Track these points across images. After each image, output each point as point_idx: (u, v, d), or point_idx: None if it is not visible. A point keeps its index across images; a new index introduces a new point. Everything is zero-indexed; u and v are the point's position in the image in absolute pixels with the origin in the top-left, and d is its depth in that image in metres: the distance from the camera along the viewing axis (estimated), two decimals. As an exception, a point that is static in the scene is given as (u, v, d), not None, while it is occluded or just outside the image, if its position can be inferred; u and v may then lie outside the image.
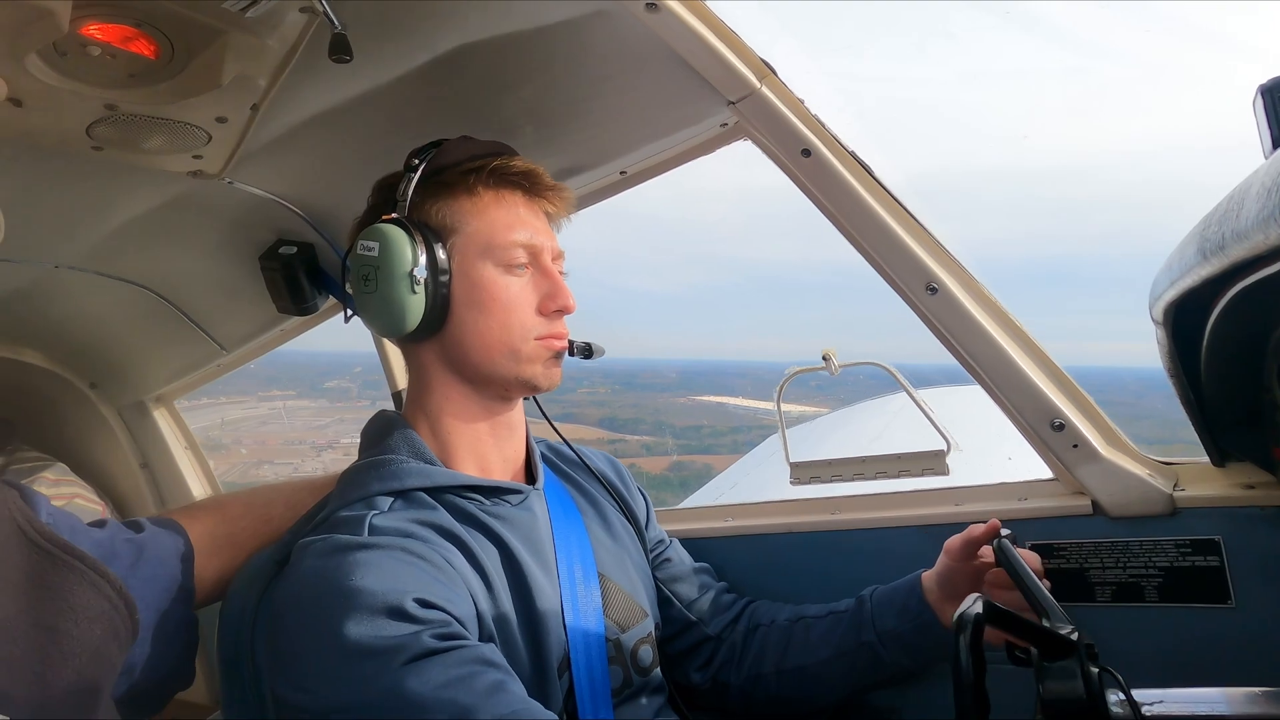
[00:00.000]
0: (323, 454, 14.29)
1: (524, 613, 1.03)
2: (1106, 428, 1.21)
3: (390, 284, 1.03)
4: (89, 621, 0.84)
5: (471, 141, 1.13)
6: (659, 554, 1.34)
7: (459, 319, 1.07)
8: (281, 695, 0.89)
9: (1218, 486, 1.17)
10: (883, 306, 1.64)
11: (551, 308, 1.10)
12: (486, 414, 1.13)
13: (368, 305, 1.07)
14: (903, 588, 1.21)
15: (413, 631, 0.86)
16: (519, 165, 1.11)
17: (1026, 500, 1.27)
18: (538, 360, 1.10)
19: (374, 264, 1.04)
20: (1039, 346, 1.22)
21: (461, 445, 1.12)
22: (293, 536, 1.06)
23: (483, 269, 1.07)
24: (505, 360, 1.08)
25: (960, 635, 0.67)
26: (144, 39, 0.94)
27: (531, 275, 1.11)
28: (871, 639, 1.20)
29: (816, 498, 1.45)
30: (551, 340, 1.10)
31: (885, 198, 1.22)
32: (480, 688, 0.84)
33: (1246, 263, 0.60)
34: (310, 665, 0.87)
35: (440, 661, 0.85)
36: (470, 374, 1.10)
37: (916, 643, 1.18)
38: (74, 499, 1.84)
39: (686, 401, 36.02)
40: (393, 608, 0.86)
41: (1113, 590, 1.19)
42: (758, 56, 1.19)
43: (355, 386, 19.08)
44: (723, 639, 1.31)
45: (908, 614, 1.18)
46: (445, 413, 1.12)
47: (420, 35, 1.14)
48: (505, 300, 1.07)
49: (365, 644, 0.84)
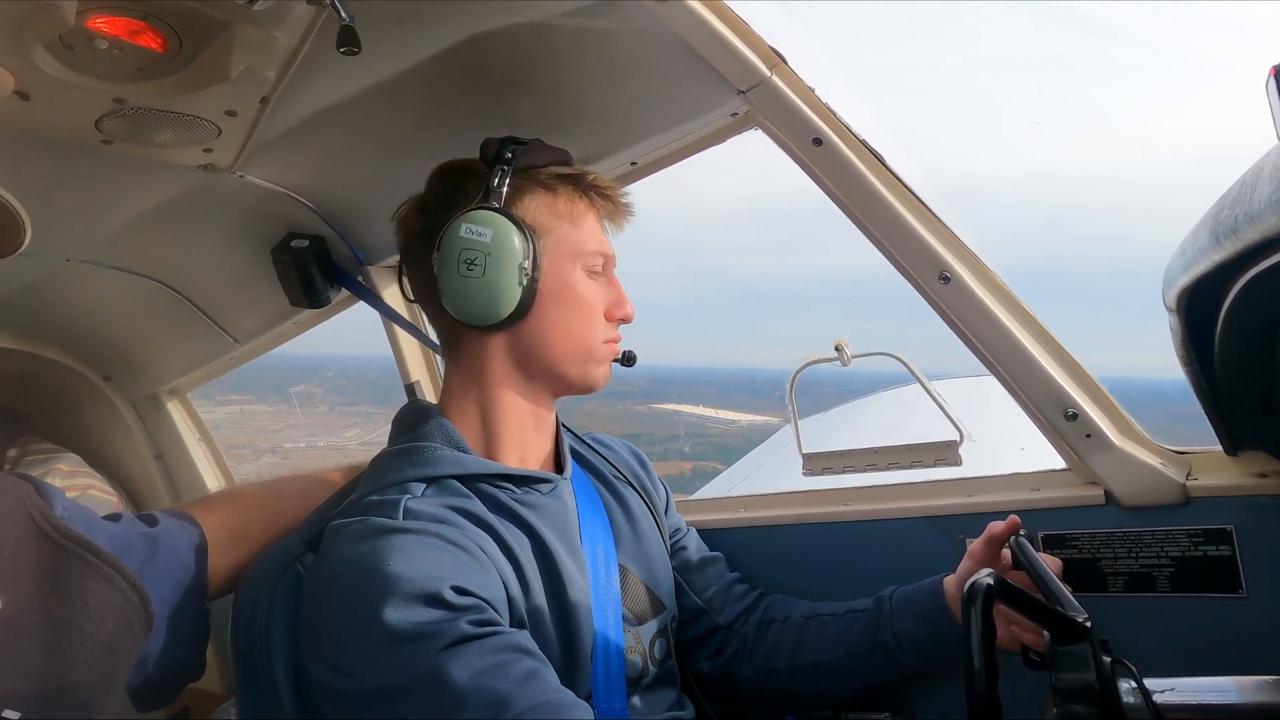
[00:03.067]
0: (262, 457, 14.45)
1: (555, 601, 1.04)
2: (1120, 417, 1.20)
3: (499, 271, 1.05)
4: (102, 615, 0.84)
5: (547, 146, 1.16)
6: (676, 542, 1.35)
7: (543, 314, 1.10)
8: (317, 676, 0.90)
9: (1230, 475, 1.16)
10: (850, 318, 1.63)
11: (617, 315, 1.15)
12: (536, 408, 1.15)
13: (466, 289, 1.07)
14: (924, 590, 1.20)
15: (450, 618, 0.87)
16: (608, 182, 1.17)
17: (1039, 491, 1.26)
18: (605, 362, 1.15)
19: (485, 249, 1.05)
20: (1052, 336, 1.21)
21: (510, 436, 1.13)
22: (319, 519, 1.07)
23: (572, 271, 1.11)
24: (578, 358, 1.12)
25: (971, 605, 0.67)
26: (151, 32, 0.94)
27: (602, 283, 1.15)
28: (889, 640, 1.19)
29: (829, 489, 1.45)
30: (614, 345, 1.16)
31: (897, 186, 1.21)
32: (515, 675, 0.85)
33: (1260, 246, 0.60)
34: (348, 648, 0.88)
35: (477, 648, 0.86)
36: (537, 368, 1.12)
37: (933, 647, 1.17)
38: (88, 490, 1.86)
39: (644, 410, 36.05)
40: (430, 594, 0.87)
41: (1125, 580, 1.19)
42: (768, 45, 1.18)
43: (322, 391, 19.04)
44: (734, 629, 1.31)
45: (927, 618, 1.17)
46: (499, 404, 1.13)
47: (429, 27, 1.14)
48: (589, 302, 1.12)
49: (404, 629, 0.85)
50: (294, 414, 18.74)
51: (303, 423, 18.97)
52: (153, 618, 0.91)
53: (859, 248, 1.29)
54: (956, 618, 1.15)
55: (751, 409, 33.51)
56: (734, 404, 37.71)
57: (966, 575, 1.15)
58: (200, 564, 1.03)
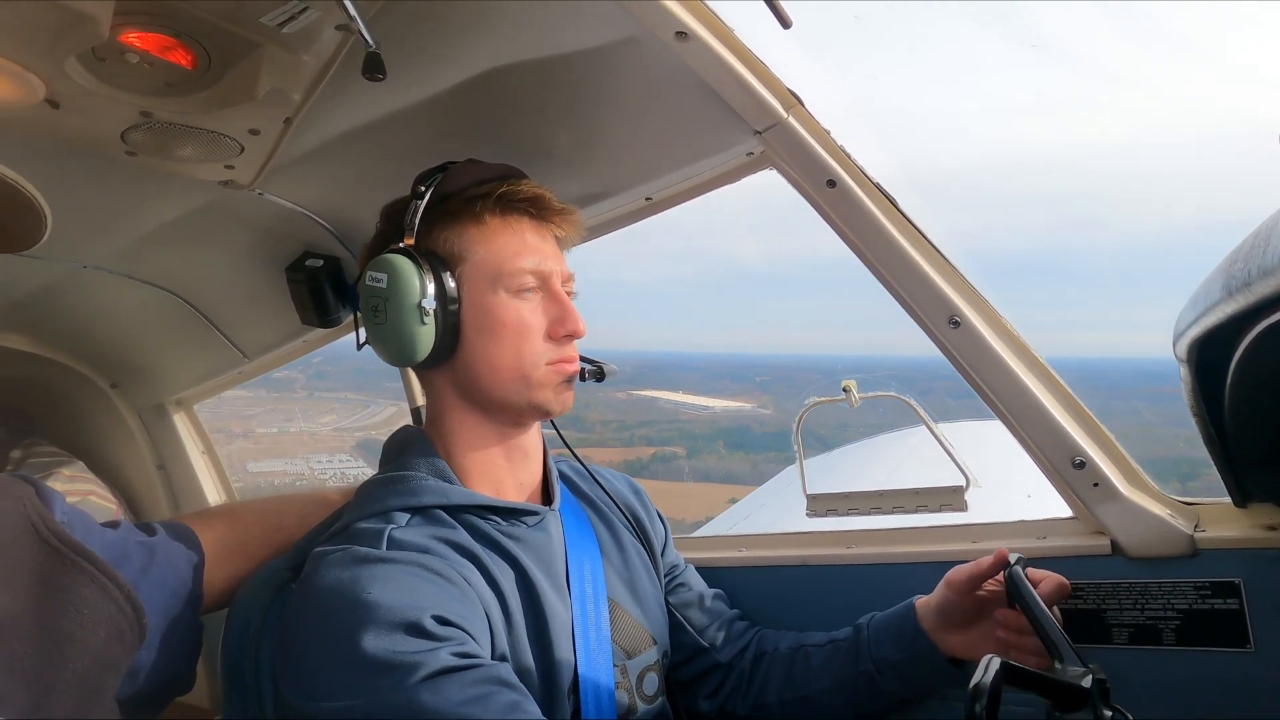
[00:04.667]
0: (234, 442, 14.42)
1: (536, 634, 1.03)
2: (1128, 466, 1.19)
3: (399, 315, 1.04)
4: (94, 624, 0.84)
5: (478, 165, 1.14)
6: (674, 579, 1.33)
7: (470, 347, 1.08)
8: (292, 703, 0.88)
9: (1239, 528, 1.14)
10: (832, 298, 1.63)
11: (561, 333, 1.09)
12: (500, 439, 1.13)
13: (378, 336, 1.08)
14: (897, 614, 1.20)
15: (430, 648, 0.85)
16: (525, 190, 1.11)
17: (1045, 539, 1.25)
18: (548, 385, 1.09)
19: (383, 295, 1.04)
20: (1061, 383, 1.21)
21: (476, 469, 1.12)
22: (307, 544, 1.06)
23: (492, 297, 1.07)
24: (517, 386, 1.08)
25: (977, 703, 0.66)
26: (182, 49, 0.96)
27: (541, 300, 1.10)
28: (868, 668, 1.18)
29: (832, 530, 1.44)
30: (562, 365, 1.10)
31: (909, 230, 1.22)
32: (496, 707, 0.84)
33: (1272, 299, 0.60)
34: (324, 676, 0.86)
35: (457, 680, 0.84)
36: (483, 400, 1.10)
37: (912, 670, 1.16)
38: (88, 496, 1.86)
39: (624, 396, 35.81)
40: (411, 623, 0.86)
41: (1130, 632, 1.17)
42: (785, 86, 1.19)
43: (304, 377, 18.97)
44: (733, 666, 1.29)
45: (903, 640, 1.17)
46: (459, 438, 1.12)
47: (452, 57, 1.16)
48: (516, 327, 1.07)
49: (382, 658, 0.84)
50: (272, 399, 18.66)
51: (279, 408, 18.89)
52: (146, 629, 0.91)
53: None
54: (932, 641, 1.15)
55: (731, 394, 33.44)
56: (716, 390, 37.61)
57: (943, 602, 1.14)
58: (196, 577, 1.02)
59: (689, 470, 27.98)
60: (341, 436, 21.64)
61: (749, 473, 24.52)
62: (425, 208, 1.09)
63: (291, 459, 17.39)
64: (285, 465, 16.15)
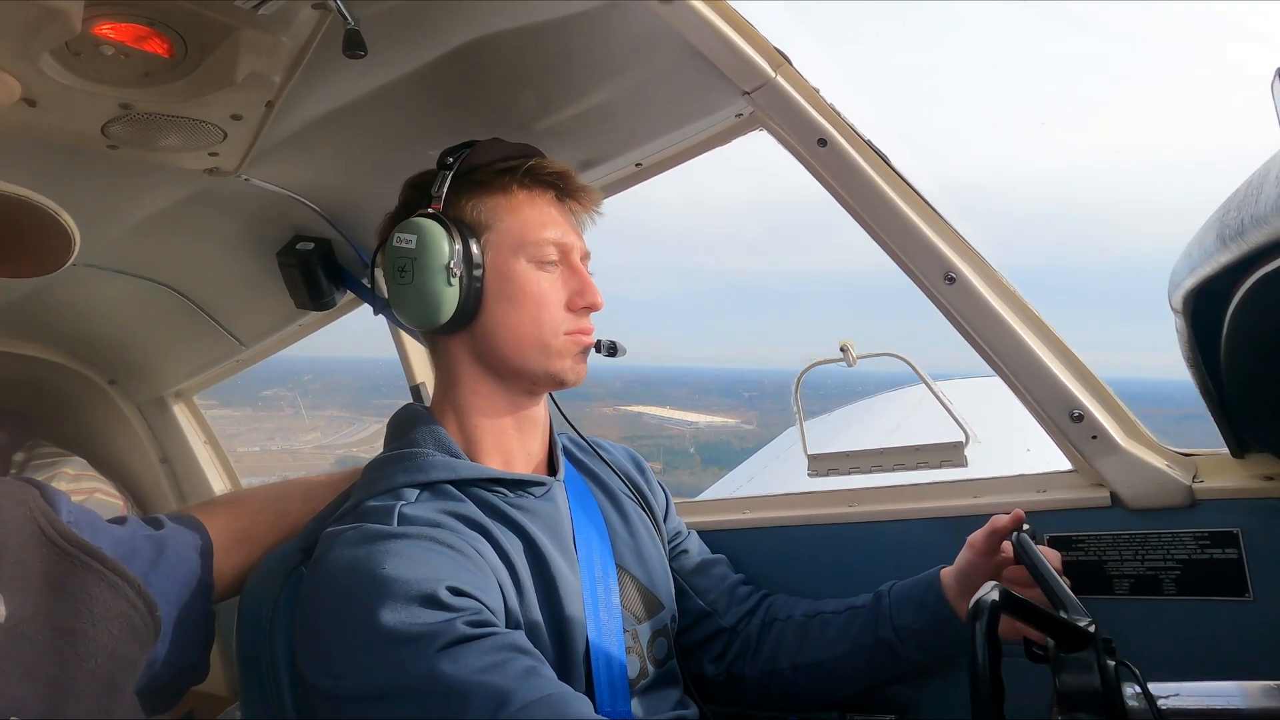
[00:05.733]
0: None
1: (548, 602, 1.05)
2: (1126, 419, 1.20)
3: (427, 276, 1.05)
4: (107, 622, 0.84)
5: (502, 143, 1.15)
6: (677, 545, 1.35)
7: (491, 312, 1.09)
8: (314, 683, 0.90)
9: (1237, 478, 1.15)
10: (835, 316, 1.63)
11: (580, 304, 1.12)
12: (512, 408, 1.14)
13: (403, 297, 1.09)
14: (921, 583, 1.20)
15: (446, 619, 0.87)
16: (552, 166, 1.14)
17: (1045, 492, 1.26)
18: (567, 355, 1.11)
19: (411, 256, 1.06)
20: (1058, 337, 1.21)
21: (487, 439, 1.13)
22: (317, 525, 1.07)
23: (515, 264, 1.09)
24: (535, 354, 1.10)
25: (976, 622, 0.67)
26: (157, 38, 0.94)
27: (561, 272, 1.13)
28: (889, 635, 1.19)
29: (834, 490, 1.45)
30: (579, 335, 1.12)
31: (903, 187, 1.21)
32: (514, 672, 0.85)
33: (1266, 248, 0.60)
34: (344, 651, 0.88)
35: (475, 648, 0.86)
36: (499, 367, 1.11)
37: (933, 639, 1.17)
38: (94, 494, 1.87)
39: (610, 412, 36.01)
40: (426, 595, 0.88)
41: (1130, 583, 1.18)
42: (772, 46, 1.18)
43: (291, 395, 19.02)
44: (738, 631, 1.31)
45: (925, 609, 1.18)
46: (472, 406, 1.13)
47: (434, 30, 1.14)
48: (537, 295, 1.09)
49: (400, 630, 0.85)
50: (257, 418, 18.72)
51: (263, 427, 18.94)
52: (159, 623, 0.92)
53: (849, 246, 1.29)
54: (954, 610, 1.16)
55: (718, 410, 33.84)
56: (704, 405, 38.09)
57: (965, 565, 1.15)
58: (206, 567, 1.03)
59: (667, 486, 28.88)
60: (321, 454, 21.69)
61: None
62: (453, 179, 1.11)
63: (268, 477, 17.56)
64: (262, 483, 16.32)
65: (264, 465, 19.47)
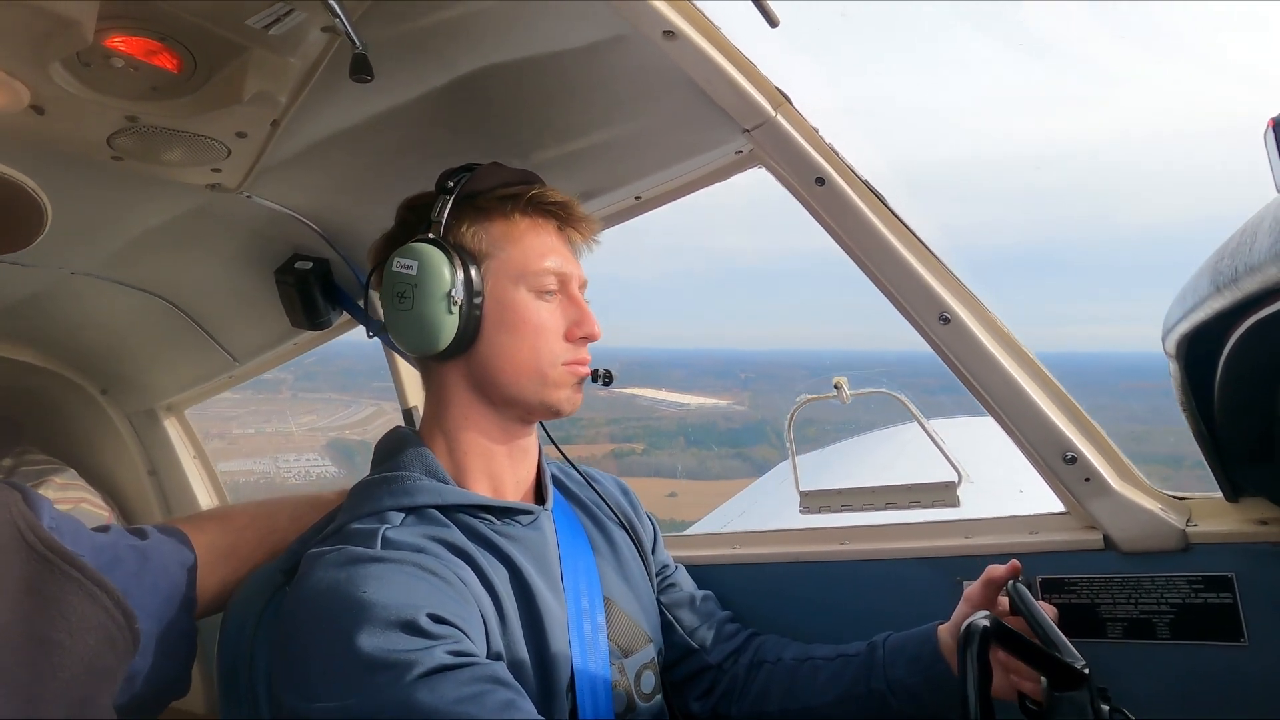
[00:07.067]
0: (210, 442, 14.71)
1: (532, 633, 1.03)
2: (1119, 461, 1.20)
3: (427, 303, 1.05)
4: (83, 632, 0.83)
5: (503, 168, 1.15)
6: (664, 578, 1.33)
7: (489, 341, 1.09)
8: (289, 705, 0.88)
9: (1231, 522, 1.15)
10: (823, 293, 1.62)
11: (578, 334, 1.12)
12: (505, 436, 1.14)
13: (401, 323, 1.08)
14: (916, 638, 1.18)
15: (425, 646, 0.85)
16: (554, 195, 1.14)
17: (1038, 534, 1.25)
18: (564, 385, 1.11)
19: (411, 282, 1.05)
20: (1051, 379, 1.22)
21: (476, 465, 1.12)
22: (301, 546, 1.06)
23: (515, 293, 1.09)
24: (532, 384, 1.09)
25: (967, 648, 0.66)
26: (167, 53, 0.95)
27: (560, 302, 1.12)
28: (881, 687, 1.17)
29: (825, 527, 1.44)
30: (576, 366, 1.12)
31: (899, 227, 1.22)
32: (492, 705, 0.84)
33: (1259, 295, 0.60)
34: (321, 676, 0.86)
35: (453, 678, 0.84)
36: (495, 395, 1.11)
37: (927, 695, 1.15)
38: (80, 504, 1.85)
39: (605, 394, 35.86)
40: (406, 621, 0.86)
41: (1124, 626, 1.17)
42: (773, 85, 1.19)
43: (291, 378, 19.07)
44: (724, 669, 1.29)
45: (920, 664, 1.15)
46: (463, 432, 1.12)
47: (440, 57, 1.15)
48: (536, 324, 1.09)
49: (378, 656, 0.84)
50: (256, 400, 18.64)
51: (260, 409, 18.88)
52: (139, 635, 0.90)
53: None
54: (950, 666, 1.13)
55: (712, 391, 34.35)
56: (699, 386, 38.39)
57: (961, 620, 1.12)
58: (189, 580, 1.02)
59: (640, 466, 28.93)
60: (314, 436, 21.67)
61: (696, 468, 25.62)
62: (453, 204, 1.10)
63: (259, 459, 17.49)
64: (252, 464, 16.24)
65: (256, 447, 19.41)
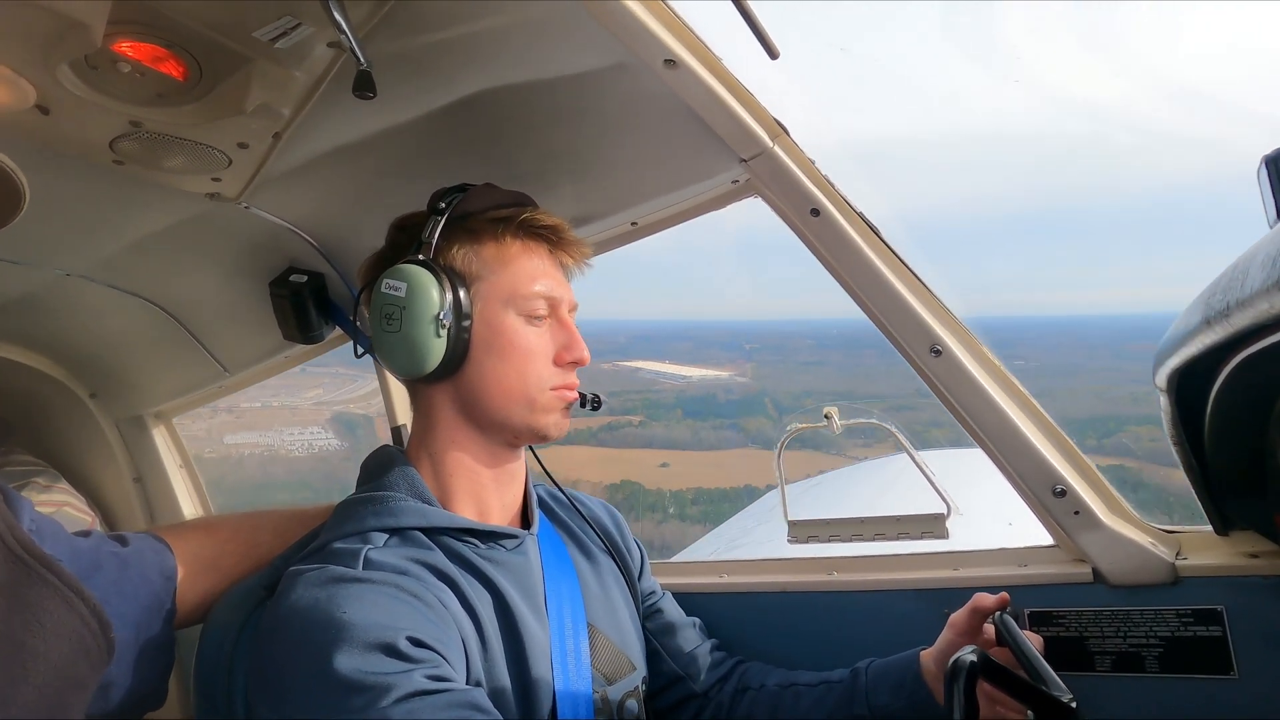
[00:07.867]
0: (217, 415, 14.59)
1: (514, 658, 1.02)
2: (1109, 495, 1.20)
3: (415, 326, 1.04)
4: (57, 639, 0.81)
5: (495, 190, 1.15)
6: (650, 605, 1.32)
7: (477, 364, 1.08)
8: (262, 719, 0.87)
9: (1221, 555, 1.16)
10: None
11: (567, 359, 1.11)
12: (491, 460, 1.13)
13: (389, 344, 1.07)
14: (899, 663, 1.18)
15: (404, 670, 0.84)
16: (546, 219, 1.13)
17: (1026, 566, 1.25)
18: (552, 410, 1.10)
19: (400, 304, 1.04)
20: (1042, 412, 1.22)
21: (461, 488, 1.11)
22: (283, 562, 1.05)
23: (505, 317, 1.08)
24: (520, 408, 1.08)
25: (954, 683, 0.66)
26: (174, 60, 0.96)
27: (549, 326, 1.11)
28: (864, 713, 1.16)
29: (813, 557, 1.44)
30: (565, 391, 1.11)
31: (891, 259, 1.23)
32: None
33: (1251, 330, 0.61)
34: (297, 695, 0.85)
35: (431, 703, 0.83)
36: (482, 419, 1.10)
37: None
38: (63, 507, 1.83)
39: (610, 367, 35.82)
40: (385, 644, 0.85)
41: (1113, 660, 1.17)
42: (771, 115, 1.20)
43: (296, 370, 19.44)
44: (709, 697, 1.28)
45: (903, 690, 1.15)
46: (449, 454, 1.11)
47: (443, 78, 1.16)
48: (525, 349, 1.08)
49: (355, 678, 0.82)
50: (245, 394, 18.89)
51: (268, 382, 19.00)
52: (114, 644, 0.88)
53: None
54: (933, 692, 1.13)
55: (717, 363, 34.49)
56: (704, 358, 38.24)
57: (946, 646, 1.13)
58: (169, 590, 1.01)
59: (635, 438, 28.88)
60: (319, 410, 21.65)
61: (688, 439, 25.70)
62: (444, 225, 1.10)
63: (265, 431, 17.26)
64: (258, 437, 16.03)
65: (263, 421, 19.26)
